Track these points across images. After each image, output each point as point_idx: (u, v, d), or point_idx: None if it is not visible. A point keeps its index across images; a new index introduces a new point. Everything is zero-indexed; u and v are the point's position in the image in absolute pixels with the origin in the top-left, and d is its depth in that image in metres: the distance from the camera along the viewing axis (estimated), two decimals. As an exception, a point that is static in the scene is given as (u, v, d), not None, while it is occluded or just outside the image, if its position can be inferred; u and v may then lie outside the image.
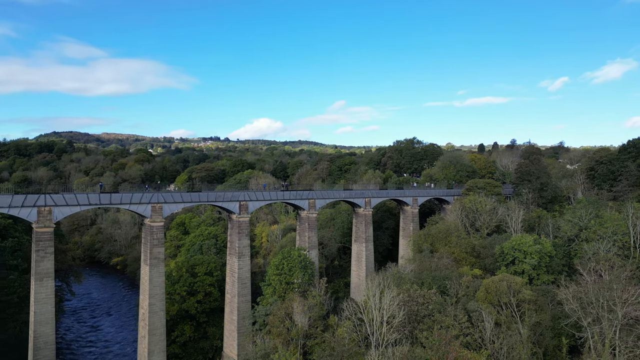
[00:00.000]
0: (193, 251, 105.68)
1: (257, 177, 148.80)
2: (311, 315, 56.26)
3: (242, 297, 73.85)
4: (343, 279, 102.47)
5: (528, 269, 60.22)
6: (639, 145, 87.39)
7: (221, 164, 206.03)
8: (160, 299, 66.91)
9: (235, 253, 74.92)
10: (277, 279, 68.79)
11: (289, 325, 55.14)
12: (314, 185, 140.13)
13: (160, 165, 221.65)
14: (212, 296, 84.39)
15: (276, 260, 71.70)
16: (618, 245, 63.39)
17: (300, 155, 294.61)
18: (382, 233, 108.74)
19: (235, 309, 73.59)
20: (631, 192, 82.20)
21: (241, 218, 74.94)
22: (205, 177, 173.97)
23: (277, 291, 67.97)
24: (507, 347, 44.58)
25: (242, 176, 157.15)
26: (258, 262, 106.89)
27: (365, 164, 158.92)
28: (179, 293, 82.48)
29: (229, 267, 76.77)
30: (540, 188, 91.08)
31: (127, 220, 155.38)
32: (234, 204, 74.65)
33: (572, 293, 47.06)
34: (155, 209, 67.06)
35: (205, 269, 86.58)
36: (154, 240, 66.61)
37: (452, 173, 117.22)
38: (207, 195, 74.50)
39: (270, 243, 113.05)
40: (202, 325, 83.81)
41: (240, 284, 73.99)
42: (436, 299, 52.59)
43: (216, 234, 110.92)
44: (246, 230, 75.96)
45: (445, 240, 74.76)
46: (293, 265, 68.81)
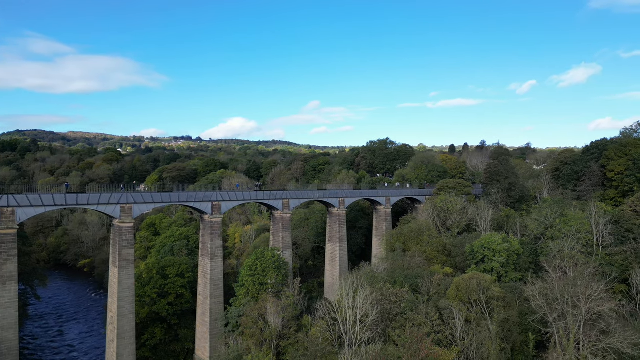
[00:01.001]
0: (164, 252, 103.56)
1: (230, 177, 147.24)
2: (285, 315, 56.06)
3: (214, 298, 72.87)
4: (317, 279, 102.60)
5: (497, 267, 61.72)
6: (601, 147, 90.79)
7: (193, 163, 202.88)
8: (129, 302, 65.29)
9: (207, 254, 73.87)
10: (250, 279, 68.22)
11: (262, 326, 54.78)
12: (288, 186, 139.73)
13: (130, 165, 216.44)
14: (183, 298, 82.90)
15: (249, 261, 71.12)
16: (582, 243, 65.70)
17: (274, 155, 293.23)
18: (356, 233, 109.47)
19: (207, 310, 72.54)
20: (594, 191, 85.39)
21: (214, 219, 73.96)
22: (177, 177, 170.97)
23: (251, 292, 67.42)
24: (476, 343, 45.58)
25: (215, 176, 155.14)
26: (231, 263, 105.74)
27: (339, 164, 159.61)
28: (150, 295, 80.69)
29: (201, 268, 75.64)
30: (509, 188, 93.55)
31: (95, 221, 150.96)
32: (206, 204, 73.59)
33: (539, 290, 48.46)
34: (124, 209, 65.40)
35: (177, 271, 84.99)
36: (123, 241, 64.95)
37: (424, 173, 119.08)
38: (179, 196, 73.19)
39: (243, 244, 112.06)
40: (173, 328, 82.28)
41: (212, 285, 73.01)
42: (408, 297, 53.25)
43: (188, 235, 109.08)
44: (219, 230, 75.01)
45: (418, 239, 75.85)
46: (267, 266, 68.38)
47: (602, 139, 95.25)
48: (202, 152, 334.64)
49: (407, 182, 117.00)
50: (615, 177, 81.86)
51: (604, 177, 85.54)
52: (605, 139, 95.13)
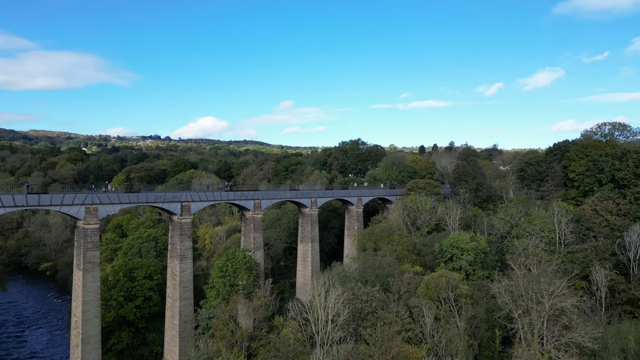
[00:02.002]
0: (131, 254, 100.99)
1: (200, 177, 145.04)
2: (256, 316, 55.62)
3: (184, 300, 71.54)
4: (289, 279, 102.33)
5: (465, 265, 63.09)
6: (563, 148, 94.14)
7: (162, 163, 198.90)
8: (94, 306, 63.30)
9: (176, 255, 72.45)
10: (221, 281, 67.33)
11: (233, 328, 54.16)
12: (260, 186, 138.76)
13: (96, 165, 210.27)
14: (152, 301, 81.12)
15: (220, 262, 70.19)
16: (545, 241, 67.94)
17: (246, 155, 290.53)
18: (328, 233, 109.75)
19: (176, 313, 71.13)
20: (556, 191, 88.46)
21: (183, 219, 72.62)
22: (145, 177, 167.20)
23: (221, 294, 66.55)
24: (445, 340, 46.44)
25: (185, 176, 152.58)
26: (201, 264, 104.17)
27: (312, 164, 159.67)
28: (116, 299, 78.61)
29: (170, 270, 74.12)
30: (476, 188, 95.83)
31: (58, 222, 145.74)
32: (175, 204, 72.18)
33: (505, 287, 49.77)
34: (89, 210, 63.38)
35: (145, 273, 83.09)
36: (88, 243, 62.91)
37: (395, 173, 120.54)
38: (147, 196, 71.46)
39: (214, 245, 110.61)
40: (141, 331, 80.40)
41: (182, 287, 71.65)
42: (379, 296, 53.74)
43: (156, 236, 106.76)
44: (188, 231, 73.71)
45: (388, 239, 76.68)
46: (238, 267, 67.66)
47: (564, 141, 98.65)
48: (172, 152, 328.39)
49: (381, 183, 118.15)
50: (576, 178, 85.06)
51: (566, 177, 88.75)
52: (567, 140, 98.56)
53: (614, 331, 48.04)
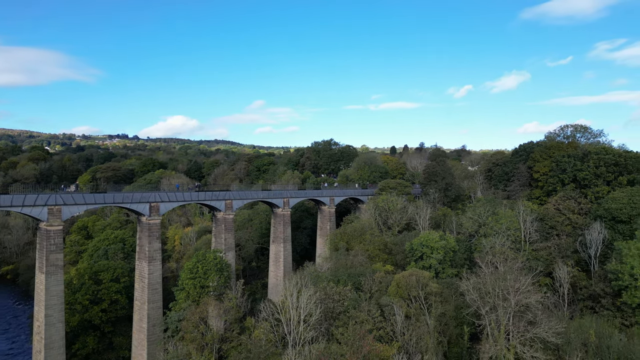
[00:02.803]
0: (97, 257, 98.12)
1: (170, 178, 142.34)
2: (227, 318, 54.98)
3: (152, 303, 69.98)
4: (261, 280, 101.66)
5: (435, 264, 64.19)
6: (528, 149, 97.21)
7: (129, 163, 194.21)
8: (58, 310, 61.09)
9: (145, 257, 70.79)
10: (191, 283, 66.20)
11: (203, 330, 53.35)
12: (231, 186, 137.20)
13: (59, 164, 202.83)
14: (119, 304, 79.05)
15: (190, 264, 69.03)
16: (511, 240, 69.91)
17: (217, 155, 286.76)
18: (301, 233, 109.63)
19: (145, 316, 69.49)
20: (522, 191, 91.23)
21: (152, 220, 71.04)
22: (112, 177, 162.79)
23: (191, 296, 65.44)
24: (416, 337, 47.12)
25: (153, 176, 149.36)
26: (170, 266, 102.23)
27: (284, 164, 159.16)
28: (81, 302, 76.20)
29: (138, 272, 72.36)
30: (446, 188, 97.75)
31: (20, 224, 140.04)
32: (143, 205, 70.52)
33: (473, 284, 50.89)
34: (52, 211, 61.11)
35: (111, 275, 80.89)
36: (51, 245, 60.67)
37: (367, 174, 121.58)
38: (114, 196, 69.50)
39: (183, 246, 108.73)
40: (108, 336, 78.27)
41: (150, 289, 70.06)
42: (351, 295, 54.02)
43: (124, 238, 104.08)
44: (157, 233, 72.17)
45: (360, 238, 77.23)
46: (208, 268, 66.70)
47: (529, 142, 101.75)
48: (140, 151, 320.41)
49: (356, 183, 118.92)
50: (540, 178, 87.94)
51: (530, 177, 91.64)
52: (532, 142, 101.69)
53: (576, 326, 49.86)
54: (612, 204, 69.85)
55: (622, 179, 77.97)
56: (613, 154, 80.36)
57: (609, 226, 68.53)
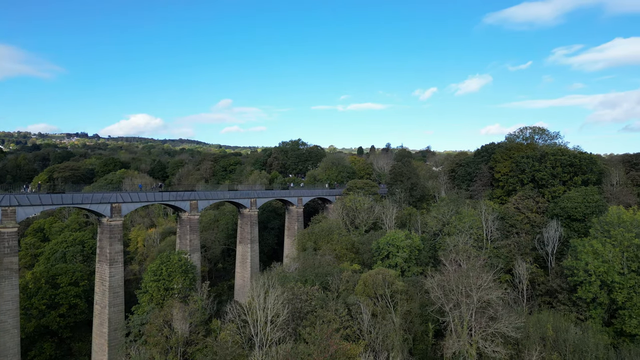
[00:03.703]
0: (55, 260, 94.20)
1: (132, 178, 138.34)
2: (192, 321, 53.91)
3: (114, 307, 67.81)
4: (227, 282, 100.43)
5: (400, 262, 65.22)
6: (489, 151, 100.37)
7: (90, 162, 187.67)
8: (12, 315, 58.24)
9: (106, 260, 68.50)
10: (154, 285, 64.50)
11: (167, 333, 52.06)
12: (197, 186, 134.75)
13: (13, 164, 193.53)
14: (78, 308, 76.20)
15: (154, 266, 67.24)
16: (474, 238, 71.86)
17: (182, 154, 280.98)
18: (268, 233, 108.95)
19: (105, 320, 67.25)
20: (484, 191, 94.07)
21: (113, 221, 68.84)
22: (70, 177, 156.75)
23: (155, 298, 63.77)
24: (382, 336, 47.66)
25: (115, 176, 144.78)
26: (133, 268, 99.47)
27: (251, 164, 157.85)
28: (37, 307, 73.01)
29: (99, 275, 69.92)
30: (411, 188, 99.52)
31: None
32: (104, 206, 68.22)
33: (437, 282, 51.96)
34: (6, 212, 58.19)
35: (70, 279, 77.90)
36: (5, 248, 57.78)
37: (335, 174, 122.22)
38: (72, 197, 66.84)
39: (147, 248, 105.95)
40: (66, 342, 75.35)
41: (112, 293, 67.87)
42: (319, 295, 54.07)
43: (83, 240, 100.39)
44: (119, 234, 69.99)
45: (328, 238, 77.50)
46: (173, 270, 65.19)
47: (490, 144, 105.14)
48: (100, 151, 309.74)
49: (326, 183, 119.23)
50: (501, 178, 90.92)
51: (492, 177, 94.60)
52: (493, 143, 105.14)
53: (535, 320, 51.78)
54: (568, 203, 73.01)
55: (577, 179, 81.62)
56: (568, 155, 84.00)
57: (564, 224, 71.59)
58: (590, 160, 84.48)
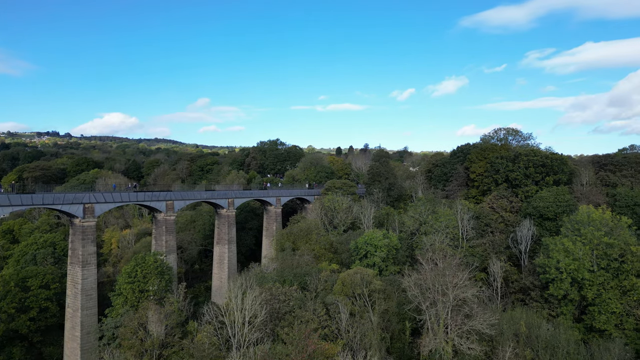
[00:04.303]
0: (24, 262, 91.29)
1: (106, 178, 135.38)
2: (168, 323, 53.05)
3: (86, 310, 66.14)
4: (204, 283, 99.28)
5: (378, 262, 65.70)
6: (465, 151, 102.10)
7: (61, 162, 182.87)
8: (-22, 321, 56.13)
9: (78, 262, 66.75)
10: (129, 287, 63.19)
11: (142, 336, 51.10)
12: (173, 186, 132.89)
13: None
14: (49, 312, 74.10)
15: (128, 268, 65.87)
16: (450, 237, 73.02)
17: (157, 154, 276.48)
18: (246, 234, 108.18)
19: (78, 324, 65.55)
20: (459, 190, 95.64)
21: (86, 222, 67.15)
22: (41, 177, 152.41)
23: (130, 301, 62.50)
24: (360, 335, 47.90)
25: (88, 176, 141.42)
26: (107, 270, 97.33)
27: (229, 164, 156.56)
28: (6, 311, 70.72)
29: (71, 277, 68.08)
30: (389, 188, 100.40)
31: None
32: (76, 206, 66.47)
33: (414, 281, 52.57)
34: (-29, 213, 56.03)
35: (41, 282, 75.69)
36: (-30, 251, 55.63)
37: (313, 174, 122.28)
38: (43, 197, 64.89)
39: (121, 249, 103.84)
40: (37, 346, 73.20)
41: (84, 295, 66.17)
42: (297, 295, 53.99)
43: (54, 242, 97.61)
44: (92, 236, 68.32)
45: (306, 238, 77.48)
46: (148, 272, 64.00)
47: (466, 144, 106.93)
48: (73, 150, 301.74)
49: (306, 183, 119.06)
50: (476, 178, 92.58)
51: (467, 177, 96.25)
52: (468, 144, 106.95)
53: (508, 318, 52.93)
54: (540, 203, 74.90)
55: (548, 179, 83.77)
56: (541, 156, 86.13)
57: (537, 223, 73.42)
58: (562, 160, 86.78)
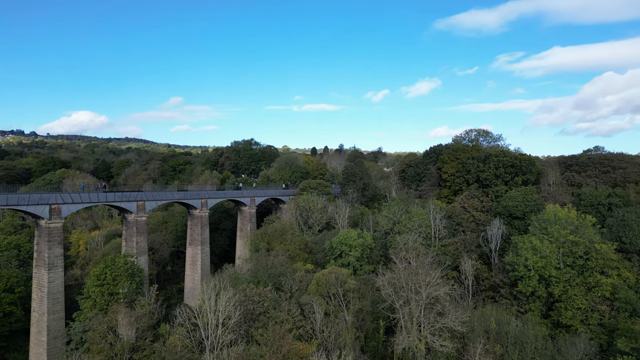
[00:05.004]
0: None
1: (74, 178, 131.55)
2: (139, 326, 51.89)
3: (53, 314, 64.00)
4: (176, 285, 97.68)
5: (353, 261, 66.07)
6: (437, 152, 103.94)
7: (26, 162, 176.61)
8: None
9: (44, 264, 64.52)
10: (98, 290, 61.50)
11: (112, 340, 49.83)
12: (144, 186, 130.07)
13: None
14: (13, 316, 71.38)
15: (97, 270, 64.10)
16: (423, 236, 74.13)
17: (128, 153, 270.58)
18: (219, 234, 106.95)
19: (44, 328, 63.36)
20: (432, 190, 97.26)
21: (52, 224, 64.99)
22: (4, 177, 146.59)
23: (98, 304, 60.83)
24: (334, 334, 48.01)
25: (54, 176, 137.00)
26: (74, 273, 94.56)
27: (202, 164, 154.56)
28: (-34, 317, 67.52)
29: (37, 281, 65.71)
30: (363, 188, 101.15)
31: None
32: (42, 207, 64.24)
33: (388, 279, 53.08)
34: None
35: (4, 285, 72.94)
36: None
37: (288, 174, 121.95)
38: (7, 198, 62.44)
39: (89, 251, 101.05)
40: (0, 352, 70.15)
41: (51, 299, 64.03)
42: (271, 295, 53.71)
43: (19, 244, 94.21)
44: (59, 237, 66.17)
45: (281, 238, 77.15)
46: (118, 274, 62.44)
47: (438, 145, 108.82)
48: (38, 149, 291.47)
49: (283, 183, 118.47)
50: (448, 178, 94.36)
51: (440, 178, 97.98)
52: (441, 145, 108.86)
53: (479, 315, 54.08)
54: (509, 202, 76.89)
55: (517, 179, 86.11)
56: (510, 156, 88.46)
57: (506, 222, 75.35)
58: (530, 161, 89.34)
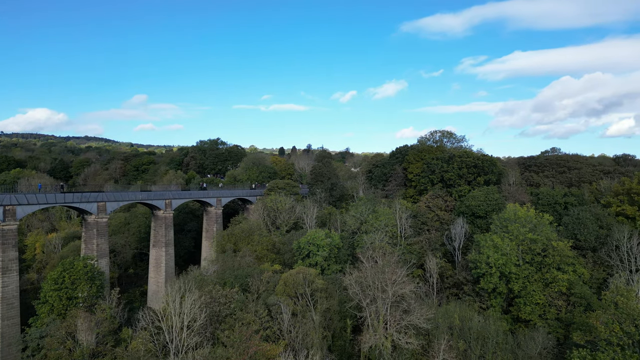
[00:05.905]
0: None
1: (30, 178, 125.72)
2: (100, 330, 50.26)
3: (7, 320, 60.96)
4: (139, 288, 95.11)
5: (321, 261, 66.20)
6: (403, 152, 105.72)
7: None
8: None
9: (-3, 268, 61.28)
10: (55, 294, 59.04)
11: (71, 346, 48.01)
12: (105, 187, 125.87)
13: None
14: (-39, 325, 67.12)
15: (55, 274, 61.54)
16: (389, 235, 75.15)
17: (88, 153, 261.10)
18: (184, 236, 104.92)
19: (-4, 336, 60.17)
20: (398, 190, 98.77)
21: (6, 226, 61.89)
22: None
23: (56, 309, 58.40)
24: (302, 334, 47.98)
25: (8, 176, 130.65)
26: (30, 277, 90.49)
27: (167, 164, 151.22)
28: None
29: (-12, 286, 62.36)
30: (331, 188, 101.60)
31: None
32: (-5, 208, 61.04)
33: (355, 278, 53.50)
34: None
35: (-49, 292, 68.34)
36: None
37: (256, 174, 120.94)
38: (-45, 199, 59.04)
39: (46, 254, 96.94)
40: (-54, 364, 65.98)
41: (4, 304, 60.98)
42: (238, 297, 53.11)
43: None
44: (13, 240, 63.09)
45: (248, 239, 76.41)
46: (77, 278, 60.16)
47: (404, 146, 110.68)
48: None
49: (252, 183, 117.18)
50: (413, 178, 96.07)
51: (405, 178, 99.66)
52: (406, 145, 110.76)
53: (443, 312, 55.34)
54: (472, 202, 79.06)
55: (480, 179, 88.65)
56: (473, 157, 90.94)
57: (469, 221, 77.41)
58: (491, 162, 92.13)
